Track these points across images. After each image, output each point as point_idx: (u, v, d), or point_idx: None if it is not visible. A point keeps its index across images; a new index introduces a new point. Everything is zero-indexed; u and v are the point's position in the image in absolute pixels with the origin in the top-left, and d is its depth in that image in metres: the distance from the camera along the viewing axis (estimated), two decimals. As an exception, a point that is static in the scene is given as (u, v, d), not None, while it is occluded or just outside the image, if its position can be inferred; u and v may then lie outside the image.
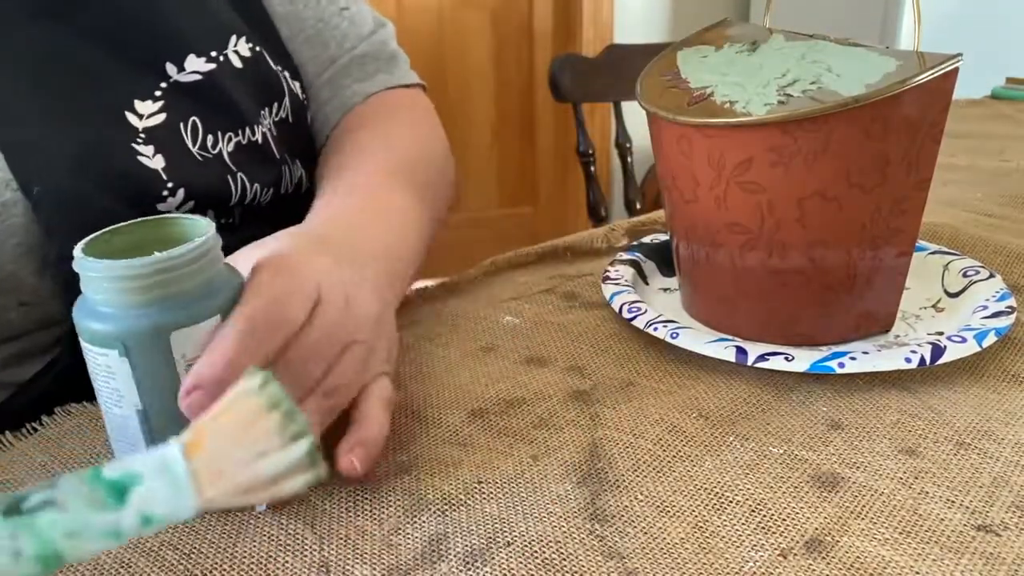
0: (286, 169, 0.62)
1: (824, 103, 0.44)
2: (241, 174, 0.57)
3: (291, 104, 0.63)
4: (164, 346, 0.35)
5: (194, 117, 0.54)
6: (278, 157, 0.61)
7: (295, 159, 0.64)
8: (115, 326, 0.35)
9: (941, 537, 0.36)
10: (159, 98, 0.53)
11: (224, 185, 0.56)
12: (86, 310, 0.36)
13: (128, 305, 0.35)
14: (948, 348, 0.46)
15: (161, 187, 0.52)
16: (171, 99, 0.53)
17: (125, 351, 0.35)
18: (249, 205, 0.59)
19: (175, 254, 0.35)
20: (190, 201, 0.54)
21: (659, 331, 0.50)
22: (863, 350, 0.48)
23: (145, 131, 0.52)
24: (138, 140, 0.52)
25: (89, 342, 0.36)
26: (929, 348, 0.46)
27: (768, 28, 0.54)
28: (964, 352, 0.46)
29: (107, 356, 0.36)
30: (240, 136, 0.58)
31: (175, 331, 0.35)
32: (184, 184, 0.53)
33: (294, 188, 0.63)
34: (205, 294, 0.36)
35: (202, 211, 0.55)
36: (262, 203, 0.60)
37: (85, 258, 0.35)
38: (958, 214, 0.74)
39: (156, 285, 0.35)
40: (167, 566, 0.35)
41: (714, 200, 0.49)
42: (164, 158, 0.52)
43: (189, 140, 0.54)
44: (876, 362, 0.46)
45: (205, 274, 0.36)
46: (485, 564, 0.35)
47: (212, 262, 0.37)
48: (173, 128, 0.54)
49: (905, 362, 0.46)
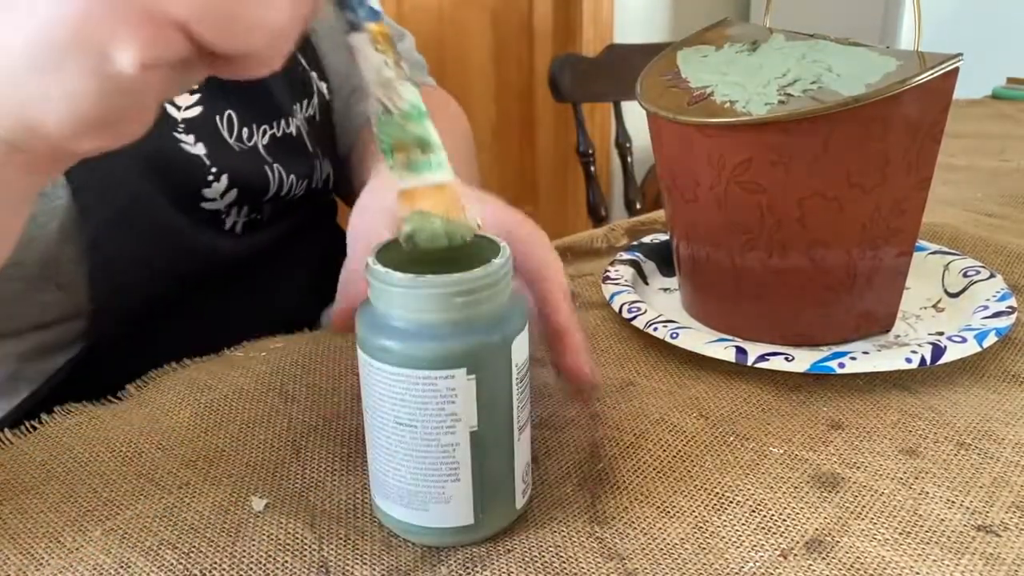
0: (317, 163, 0.64)
1: (824, 103, 0.44)
2: (277, 165, 0.59)
3: (319, 103, 0.65)
4: (507, 356, 0.34)
5: (230, 111, 0.56)
6: (311, 150, 0.63)
7: (325, 156, 0.65)
8: (462, 343, 0.32)
9: (941, 537, 0.36)
10: (196, 91, 0.54)
11: (263, 177, 0.58)
12: (412, 335, 0.33)
13: (474, 318, 0.33)
14: (948, 348, 0.46)
15: (205, 172, 0.53)
16: (207, 92, 0.55)
17: (474, 368, 0.33)
18: (283, 199, 0.60)
19: (506, 256, 0.34)
20: (233, 189, 0.55)
21: (659, 331, 0.50)
22: (863, 350, 0.48)
23: (184, 121, 0.53)
24: (178, 129, 0.53)
25: (429, 368, 0.33)
26: (929, 348, 0.46)
27: (768, 28, 0.54)
28: (964, 352, 0.46)
29: (452, 378, 0.33)
30: (275, 129, 0.59)
31: (516, 338, 0.34)
32: (227, 171, 0.55)
33: (323, 184, 0.65)
34: (515, 295, 0.35)
35: (241, 203, 0.57)
36: (295, 196, 0.61)
37: (423, 277, 0.32)
38: (958, 214, 0.74)
39: (498, 293, 0.33)
40: (166, 566, 0.35)
41: (714, 200, 0.49)
42: (205, 146, 0.54)
43: (226, 132, 0.56)
44: (876, 362, 0.46)
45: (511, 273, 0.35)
46: (485, 568, 0.35)
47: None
48: (210, 120, 0.55)
49: (905, 362, 0.46)
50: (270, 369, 0.50)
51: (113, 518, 0.38)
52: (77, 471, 0.41)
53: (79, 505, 0.39)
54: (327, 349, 0.52)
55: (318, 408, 0.46)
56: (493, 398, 0.34)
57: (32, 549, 0.36)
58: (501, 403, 0.34)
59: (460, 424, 0.33)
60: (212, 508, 0.38)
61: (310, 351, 0.52)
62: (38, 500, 0.39)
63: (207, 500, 0.39)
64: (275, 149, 0.59)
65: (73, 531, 0.37)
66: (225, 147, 0.55)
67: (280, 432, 0.44)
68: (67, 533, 0.37)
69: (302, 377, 0.49)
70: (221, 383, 0.48)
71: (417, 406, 0.33)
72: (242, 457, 0.42)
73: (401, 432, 0.34)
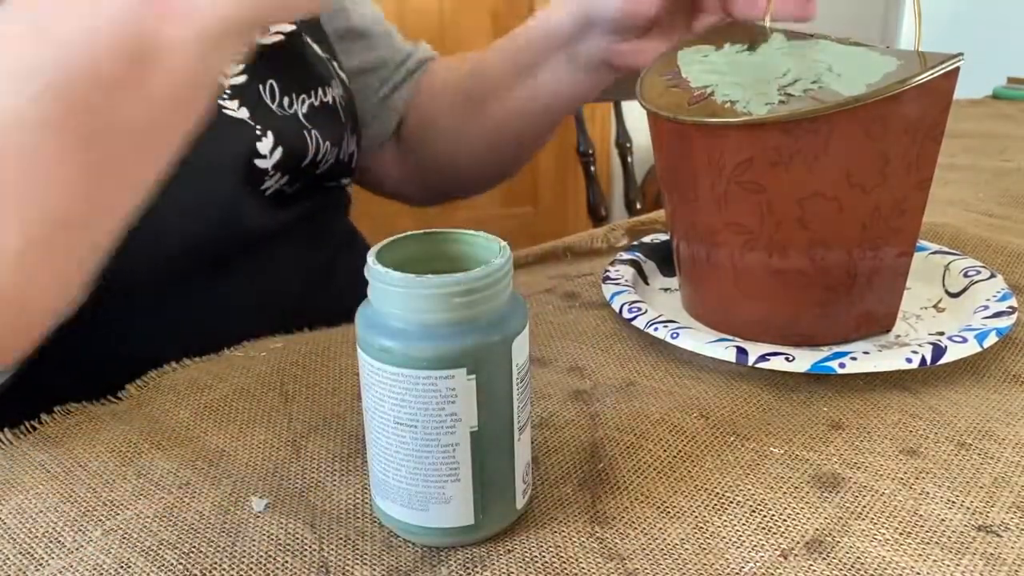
0: (346, 136, 0.66)
1: (825, 103, 0.44)
2: (315, 131, 0.62)
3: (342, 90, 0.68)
4: (508, 356, 0.34)
5: (271, 80, 0.59)
6: (344, 121, 0.66)
7: (352, 133, 0.68)
8: (462, 343, 0.32)
9: (942, 538, 0.36)
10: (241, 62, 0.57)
11: (303, 140, 0.60)
12: (412, 335, 0.33)
13: (474, 318, 0.33)
14: (949, 348, 0.46)
15: (250, 131, 0.56)
16: (252, 64, 0.57)
17: (475, 368, 0.33)
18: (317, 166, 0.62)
19: (506, 255, 0.34)
20: (279, 147, 0.58)
21: (659, 331, 0.50)
22: (864, 350, 0.47)
23: (229, 87, 0.56)
24: (223, 96, 0.55)
25: (429, 368, 0.32)
26: (930, 348, 0.46)
27: (768, 28, 0.54)
28: (965, 352, 0.46)
29: (452, 378, 0.33)
30: (313, 98, 0.62)
31: (516, 338, 0.34)
32: (271, 130, 0.57)
33: (348, 158, 0.67)
34: (515, 295, 0.35)
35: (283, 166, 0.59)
36: (327, 165, 0.64)
37: (423, 277, 0.32)
38: (959, 214, 0.74)
39: (498, 293, 0.33)
40: (166, 566, 0.35)
41: (714, 200, 0.49)
42: (248, 110, 0.56)
43: (268, 98, 0.59)
44: (877, 362, 0.46)
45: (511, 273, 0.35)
46: (485, 569, 0.35)
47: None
48: (253, 87, 0.58)
49: (906, 362, 0.46)
50: (270, 369, 0.50)
51: (113, 518, 0.38)
52: (77, 471, 0.41)
53: (79, 505, 0.39)
54: (327, 349, 0.52)
55: (318, 408, 0.46)
56: (493, 398, 0.34)
57: (32, 549, 0.36)
58: (501, 403, 0.34)
59: (460, 424, 0.33)
60: (212, 508, 0.38)
61: (310, 351, 0.52)
62: (38, 500, 0.39)
63: (207, 500, 0.39)
64: (313, 117, 0.61)
65: (73, 531, 0.37)
66: (268, 111, 0.58)
67: (280, 432, 0.44)
68: (67, 533, 0.37)
69: (302, 377, 0.49)
70: (221, 383, 0.48)
71: (417, 406, 0.33)
72: (242, 457, 0.42)
73: (401, 432, 0.34)
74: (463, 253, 0.37)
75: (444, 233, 0.37)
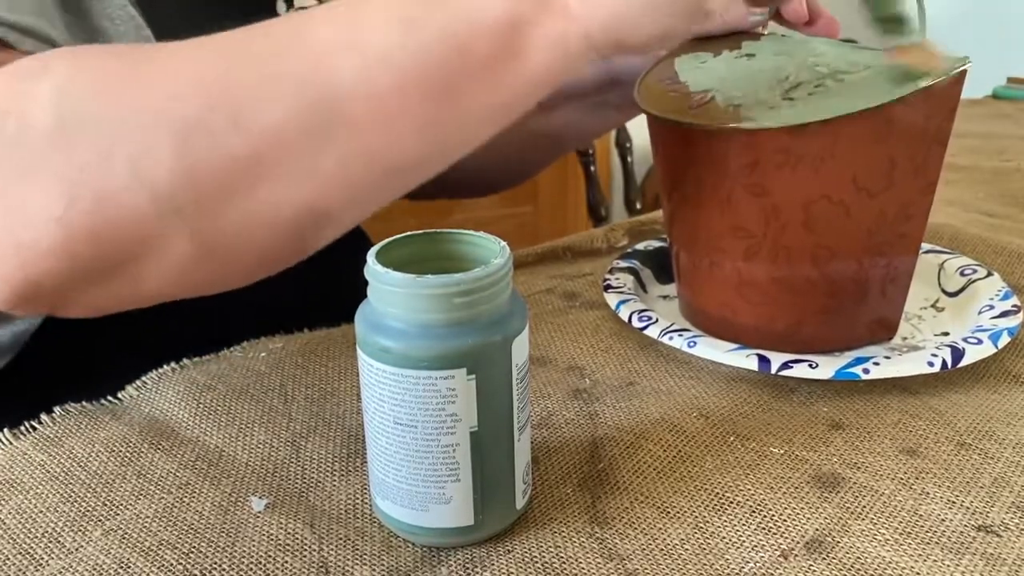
0: None
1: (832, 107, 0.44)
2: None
3: None
4: (508, 356, 0.34)
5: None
6: None
7: None
8: (462, 343, 0.32)
9: (942, 538, 0.36)
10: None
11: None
12: (411, 335, 0.33)
13: (474, 318, 0.33)
14: (967, 351, 0.46)
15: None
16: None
17: (474, 368, 0.33)
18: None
19: (506, 255, 0.34)
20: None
21: (675, 340, 0.49)
22: (884, 355, 0.47)
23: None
24: None
25: (429, 368, 0.32)
26: (949, 351, 0.46)
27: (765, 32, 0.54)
28: (983, 354, 0.46)
29: (452, 378, 0.33)
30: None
31: (516, 338, 0.34)
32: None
33: None
34: (515, 295, 0.35)
35: None
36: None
37: (422, 277, 0.32)
38: (959, 214, 0.74)
39: (498, 293, 0.33)
40: (166, 566, 0.35)
41: (717, 204, 0.48)
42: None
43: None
44: (900, 367, 0.45)
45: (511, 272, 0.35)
46: (485, 569, 0.35)
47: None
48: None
49: (928, 366, 0.45)
50: (270, 369, 0.50)
51: (113, 518, 0.38)
52: (76, 471, 0.41)
53: (78, 505, 0.39)
54: (327, 349, 0.52)
55: (318, 408, 0.46)
56: (493, 398, 0.34)
57: (32, 549, 0.36)
58: (501, 403, 0.34)
59: (460, 424, 0.33)
60: (212, 508, 0.38)
61: (310, 351, 0.52)
62: (37, 500, 0.39)
63: (207, 500, 0.39)
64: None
65: (73, 531, 0.37)
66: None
67: (280, 432, 0.44)
68: (67, 533, 0.37)
69: (302, 377, 0.49)
70: (221, 383, 0.48)
71: (417, 406, 0.33)
72: (242, 457, 0.42)
73: (401, 432, 0.34)
74: (463, 253, 0.37)
75: (444, 233, 0.37)
